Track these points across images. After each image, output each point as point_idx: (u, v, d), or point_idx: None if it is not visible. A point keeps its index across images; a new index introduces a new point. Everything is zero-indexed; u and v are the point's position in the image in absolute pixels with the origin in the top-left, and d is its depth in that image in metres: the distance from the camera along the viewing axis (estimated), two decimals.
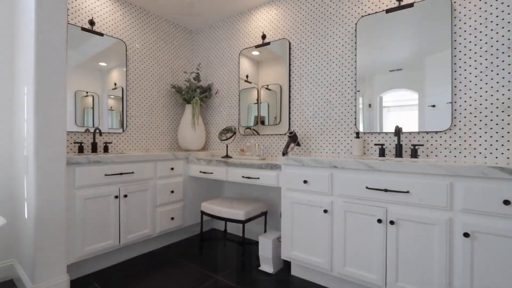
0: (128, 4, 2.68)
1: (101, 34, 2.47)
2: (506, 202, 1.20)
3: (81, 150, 2.22)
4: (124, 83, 2.63)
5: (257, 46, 2.69)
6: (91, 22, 2.40)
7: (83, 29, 2.36)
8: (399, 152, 1.83)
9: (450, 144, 1.77)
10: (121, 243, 2.04)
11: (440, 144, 1.80)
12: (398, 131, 1.78)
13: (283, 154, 2.14)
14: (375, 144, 1.94)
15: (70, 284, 1.78)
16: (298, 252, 1.83)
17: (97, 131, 2.36)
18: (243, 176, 2.13)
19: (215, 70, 3.09)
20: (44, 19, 1.60)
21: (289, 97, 2.48)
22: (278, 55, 2.56)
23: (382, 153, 1.91)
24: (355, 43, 2.11)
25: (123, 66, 2.63)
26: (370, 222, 1.55)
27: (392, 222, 1.46)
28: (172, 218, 2.40)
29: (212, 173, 2.34)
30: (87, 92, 2.37)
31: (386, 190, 1.48)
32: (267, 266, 1.99)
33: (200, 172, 2.43)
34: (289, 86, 2.49)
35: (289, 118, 2.48)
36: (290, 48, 2.49)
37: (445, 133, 1.78)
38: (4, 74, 1.89)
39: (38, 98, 1.58)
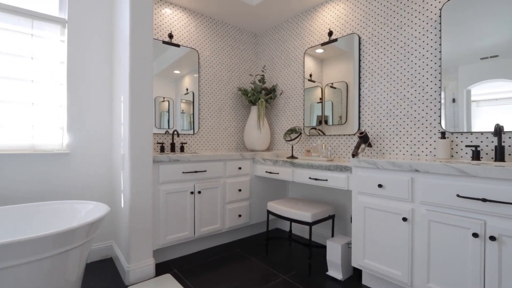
0: (200, 15, 2.92)
1: (177, 45, 2.74)
2: None
3: (162, 149, 2.50)
4: (195, 88, 2.87)
5: (323, 44, 2.62)
6: (170, 35, 2.68)
7: (164, 42, 2.65)
8: (500, 155, 1.54)
9: None
10: (196, 235, 2.23)
11: None
12: (498, 131, 1.50)
13: (353, 156, 2.03)
14: (467, 146, 1.67)
15: (155, 267, 2.02)
16: (371, 260, 1.70)
17: (175, 132, 2.63)
18: (310, 178, 2.09)
19: (279, 71, 3.11)
20: (137, 39, 1.86)
21: (359, 94, 2.34)
22: (344, 52, 2.44)
23: (476, 156, 1.64)
24: (439, 31, 1.87)
25: (194, 73, 2.86)
26: (463, 236, 1.35)
27: (492, 238, 1.24)
28: (240, 216, 2.51)
29: (278, 173, 2.37)
30: (163, 98, 2.66)
31: (484, 200, 1.26)
32: (335, 272, 1.92)
33: (266, 172, 2.49)
34: (359, 83, 2.34)
35: (359, 117, 2.34)
36: (360, 43, 2.35)
37: None
38: (106, 86, 2.26)
39: (132, 105, 1.84)
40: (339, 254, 1.87)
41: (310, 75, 2.75)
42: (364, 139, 2.05)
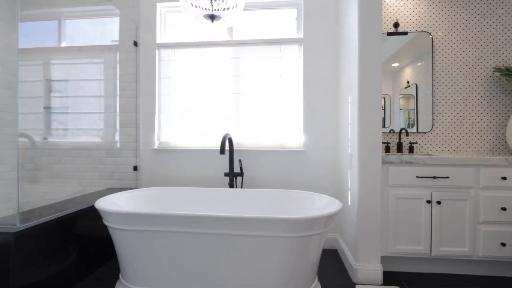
0: None
1: (404, 33, 2.44)
2: None
3: (388, 150, 2.32)
4: (419, 79, 2.43)
5: None
6: (396, 25, 2.44)
7: (389, 33, 2.45)
8: None
9: None
10: (432, 253, 1.86)
11: None
12: None
13: None
14: None
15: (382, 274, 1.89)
16: None
17: (403, 131, 2.35)
18: None
19: None
20: (365, 38, 1.82)
21: None
22: None
23: None
24: None
25: (418, 61, 2.43)
26: None
27: None
28: (503, 244, 1.80)
29: None
30: None
31: None
32: None
33: None
34: None
35: None
36: None
37: None
38: (332, 92, 2.43)
39: (361, 105, 1.83)
40: None
41: None
42: None
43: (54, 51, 2.72)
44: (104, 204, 1.73)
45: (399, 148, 2.30)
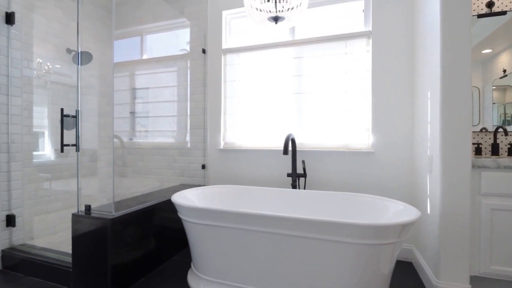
0: None
1: (503, 13, 2.05)
2: None
3: (478, 151, 1.99)
4: None
5: None
6: (489, 4, 2.07)
7: (479, 16, 2.10)
8: None
9: None
10: None
11: None
12: None
13: None
14: None
15: None
16: None
17: (500, 130, 1.98)
18: None
19: None
20: (448, 21, 1.59)
21: None
22: None
23: None
24: None
25: None
26: None
27: None
28: None
29: None
30: None
31: None
32: None
33: None
34: None
35: None
36: None
37: None
38: (405, 88, 2.19)
39: (444, 100, 1.61)
40: None
41: None
42: None
43: (137, 63, 3.13)
44: (179, 198, 1.91)
45: (494, 150, 1.94)
